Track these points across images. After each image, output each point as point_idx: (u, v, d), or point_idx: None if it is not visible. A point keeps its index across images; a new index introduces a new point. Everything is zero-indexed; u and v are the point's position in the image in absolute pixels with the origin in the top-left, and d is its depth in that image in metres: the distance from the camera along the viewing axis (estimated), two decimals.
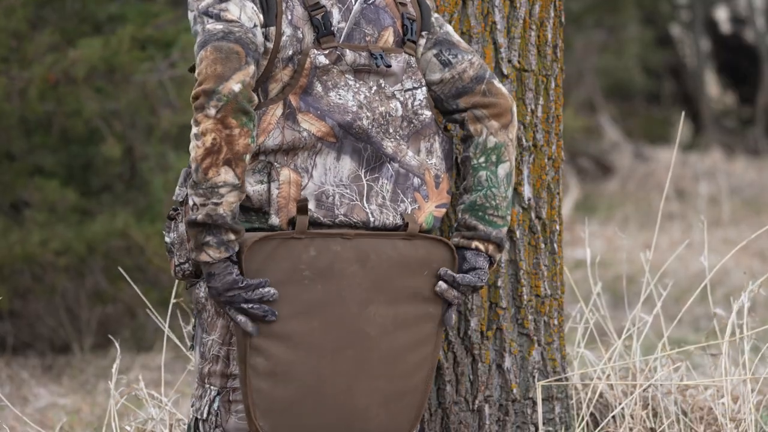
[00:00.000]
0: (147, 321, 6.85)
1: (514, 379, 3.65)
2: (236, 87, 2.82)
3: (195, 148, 2.83)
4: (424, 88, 3.09)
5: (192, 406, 3.12)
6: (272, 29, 2.95)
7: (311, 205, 2.96)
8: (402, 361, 3.03)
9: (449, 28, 3.17)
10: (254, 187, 2.95)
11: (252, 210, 2.96)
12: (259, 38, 2.91)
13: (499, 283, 3.62)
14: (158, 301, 6.34)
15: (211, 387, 3.05)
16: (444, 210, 3.10)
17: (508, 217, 3.14)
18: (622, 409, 3.83)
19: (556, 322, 3.73)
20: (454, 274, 3.05)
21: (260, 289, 2.88)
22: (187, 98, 6.44)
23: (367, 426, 3.01)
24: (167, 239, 3.08)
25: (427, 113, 3.09)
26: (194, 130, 2.84)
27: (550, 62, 3.68)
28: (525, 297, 3.65)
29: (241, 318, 2.89)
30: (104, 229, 6.50)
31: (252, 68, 2.86)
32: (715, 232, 9.70)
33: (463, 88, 3.10)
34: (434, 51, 3.12)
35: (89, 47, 6.24)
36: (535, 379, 3.68)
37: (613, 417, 3.85)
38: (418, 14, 3.11)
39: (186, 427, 3.16)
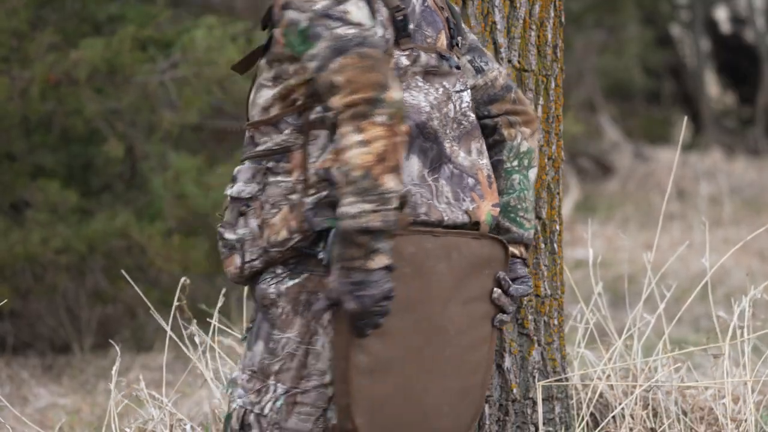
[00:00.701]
0: (147, 321, 6.85)
1: (514, 379, 3.65)
2: (397, 95, 2.84)
3: (361, 155, 2.81)
4: (469, 91, 3.13)
5: (239, 398, 3.08)
6: None
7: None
8: (467, 360, 3.06)
9: (472, 35, 3.24)
10: None
11: None
12: (380, 39, 2.93)
13: None
14: (159, 301, 6.34)
15: (278, 384, 3.04)
16: (498, 209, 3.13)
17: (534, 221, 3.22)
18: (623, 409, 3.83)
19: (556, 322, 3.73)
20: (510, 283, 3.10)
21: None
22: (187, 99, 6.44)
23: (439, 424, 3.04)
24: (231, 236, 3.05)
25: (473, 115, 3.13)
26: (357, 137, 2.81)
27: (550, 62, 3.68)
28: (525, 297, 3.65)
29: (383, 321, 2.89)
30: (104, 229, 6.50)
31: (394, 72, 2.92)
32: (715, 232, 9.70)
33: (495, 95, 3.17)
34: (468, 57, 3.18)
35: (91, 48, 6.24)
36: (535, 379, 3.67)
37: (613, 417, 3.85)
38: (451, 18, 3.17)
39: (225, 416, 3.14)
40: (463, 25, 3.20)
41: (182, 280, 4.01)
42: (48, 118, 6.52)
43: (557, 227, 3.73)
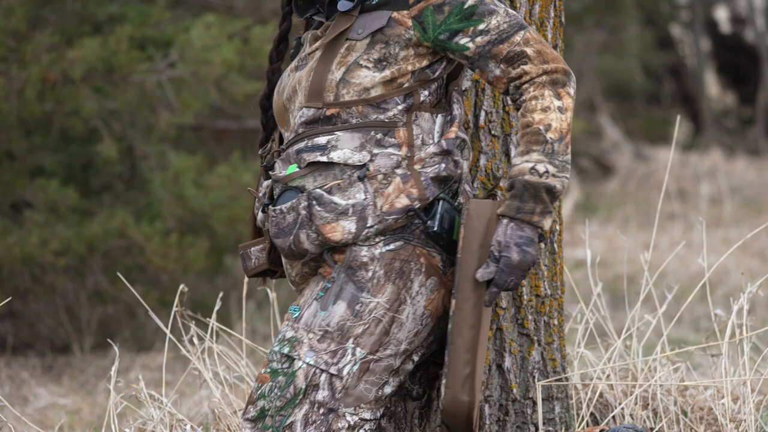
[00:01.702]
0: (147, 321, 6.85)
1: (514, 379, 3.65)
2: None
3: (560, 120, 3.01)
4: None
5: (308, 357, 3.06)
6: None
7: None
8: (482, 336, 3.11)
9: None
10: (462, 160, 3.14)
11: (453, 181, 3.12)
12: None
13: None
14: (158, 301, 6.34)
15: (357, 348, 3.05)
16: None
17: None
18: (622, 409, 3.83)
19: (556, 322, 3.73)
20: None
21: None
22: (185, 100, 6.44)
23: (472, 399, 3.07)
24: (344, 201, 3.07)
25: None
26: (557, 102, 3.01)
27: None
28: (525, 297, 3.65)
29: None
30: (104, 229, 6.49)
31: None
32: (715, 232, 9.70)
33: None
34: None
35: (87, 47, 6.24)
36: (535, 379, 3.67)
37: (613, 417, 3.85)
38: None
39: (281, 371, 3.08)
40: None
41: (181, 287, 4.00)
42: (47, 118, 6.52)
43: (557, 227, 3.73)
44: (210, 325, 4.08)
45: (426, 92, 3.12)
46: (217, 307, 4.10)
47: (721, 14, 16.61)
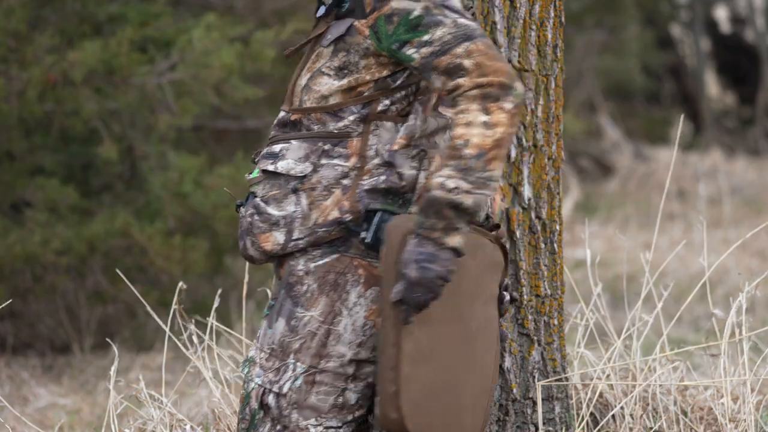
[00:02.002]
0: (147, 321, 6.85)
1: (514, 379, 3.65)
2: (522, 88, 2.95)
3: (482, 136, 2.89)
4: None
5: (258, 377, 3.09)
6: None
7: None
8: (483, 360, 3.08)
9: None
10: (409, 172, 3.03)
11: (401, 193, 3.03)
12: None
13: None
14: (158, 301, 6.34)
15: (298, 363, 3.05)
16: (505, 203, 3.18)
17: None
18: (622, 409, 3.83)
19: (556, 322, 3.73)
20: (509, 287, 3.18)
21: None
22: (184, 104, 6.44)
23: (467, 421, 3.05)
24: (276, 212, 3.08)
25: None
26: (483, 117, 2.90)
27: (550, 62, 3.68)
28: (525, 297, 3.65)
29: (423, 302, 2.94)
30: (105, 229, 6.49)
31: None
32: (715, 232, 9.70)
33: None
34: None
35: (88, 49, 6.24)
36: (535, 379, 3.67)
37: (613, 417, 3.85)
38: None
39: (244, 395, 3.12)
40: None
41: (179, 284, 4.01)
42: (47, 119, 6.52)
43: (557, 227, 3.73)
44: (209, 324, 4.08)
45: (388, 101, 3.06)
46: (215, 305, 4.10)
47: (721, 14, 16.61)
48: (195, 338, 4.06)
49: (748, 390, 3.82)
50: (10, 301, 5.05)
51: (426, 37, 2.96)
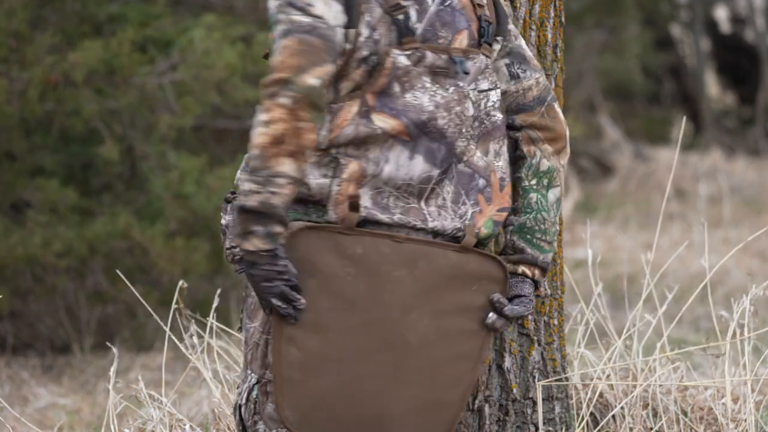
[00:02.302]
0: (147, 321, 6.85)
1: (514, 379, 3.65)
2: (313, 81, 2.84)
3: (260, 135, 2.83)
4: (498, 90, 3.08)
5: (237, 388, 3.14)
6: (352, 31, 2.96)
7: (368, 203, 2.96)
8: (440, 373, 3.02)
9: (522, 41, 3.15)
10: (318, 180, 2.95)
11: (311, 203, 2.97)
12: (339, 38, 2.92)
13: None
14: (159, 302, 6.34)
15: (252, 374, 3.06)
16: (505, 214, 3.06)
17: (555, 243, 3.12)
18: (622, 409, 3.83)
19: (556, 322, 3.73)
20: (505, 304, 3.03)
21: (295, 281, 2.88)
22: (186, 104, 6.44)
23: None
24: (223, 221, 3.09)
25: (499, 115, 3.07)
26: (262, 116, 2.84)
27: (550, 62, 3.68)
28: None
29: (280, 304, 2.88)
30: (105, 230, 6.49)
31: (330, 67, 2.88)
32: (715, 233, 9.70)
33: (524, 105, 3.09)
34: (506, 60, 3.11)
35: (89, 50, 6.24)
36: (535, 379, 3.67)
37: (613, 417, 3.85)
38: (494, 18, 3.09)
39: (233, 408, 3.18)
40: (510, 27, 3.13)
41: (180, 283, 4.01)
42: (48, 119, 6.52)
43: (557, 227, 3.72)
44: (209, 323, 4.08)
45: None
46: (215, 304, 4.10)
47: (721, 14, 16.62)
48: (195, 338, 4.06)
49: (749, 390, 3.82)
50: (9, 299, 5.06)
51: (273, 37, 2.93)
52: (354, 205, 2.93)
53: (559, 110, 3.12)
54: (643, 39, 14.61)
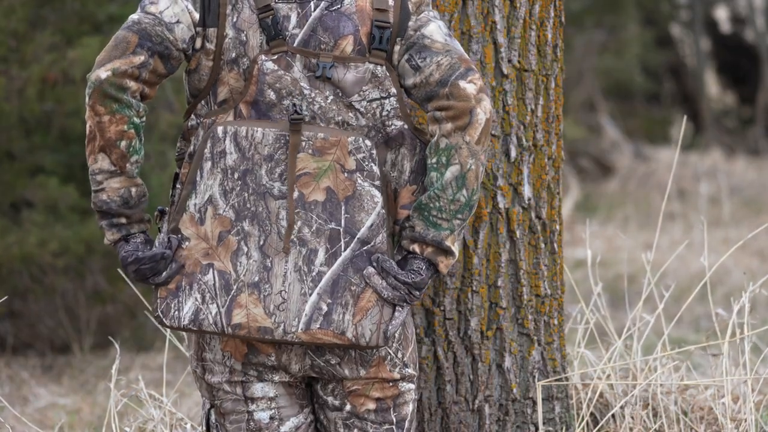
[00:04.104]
0: (147, 321, 6.85)
1: (514, 378, 3.65)
2: (103, 74, 2.87)
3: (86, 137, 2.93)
4: (393, 98, 2.98)
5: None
6: (212, 30, 2.93)
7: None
8: None
9: (430, 28, 3.00)
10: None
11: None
12: (179, 35, 2.94)
13: (499, 282, 3.61)
14: None
15: (206, 401, 3.12)
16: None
17: (457, 222, 2.98)
18: (622, 409, 3.83)
19: (556, 322, 3.73)
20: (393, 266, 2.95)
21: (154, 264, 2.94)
22: (184, 101, 6.45)
23: None
24: None
25: (397, 123, 2.99)
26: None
27: (550, 62, 3.68)
28: (525, 297, 3.65)
29: (141, 282, 2.98)
30: None
31: (141, 58, 2.90)
32: (715, 232, 9.71)
33: (431, 92, 2.96)
34: (406, 56, 2.98)
35: (87, 47, 6.24)
36: (535, 379, 3.67)
37: (613, 417, 3.85)
38: (396, 21, 2.98)
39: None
40: (411, 23, 2.98)
41: None
42: (47, 118, 6.52)
43: (557, 227, 3.73)
44: None
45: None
46: None
47: (721, 14, 16.62)
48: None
49: (749, 390, 3.82)
50: (7, 298, 5.05)
51: None
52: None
53: (466, 86, 2.94)
54: (643, 39, 14.62)
